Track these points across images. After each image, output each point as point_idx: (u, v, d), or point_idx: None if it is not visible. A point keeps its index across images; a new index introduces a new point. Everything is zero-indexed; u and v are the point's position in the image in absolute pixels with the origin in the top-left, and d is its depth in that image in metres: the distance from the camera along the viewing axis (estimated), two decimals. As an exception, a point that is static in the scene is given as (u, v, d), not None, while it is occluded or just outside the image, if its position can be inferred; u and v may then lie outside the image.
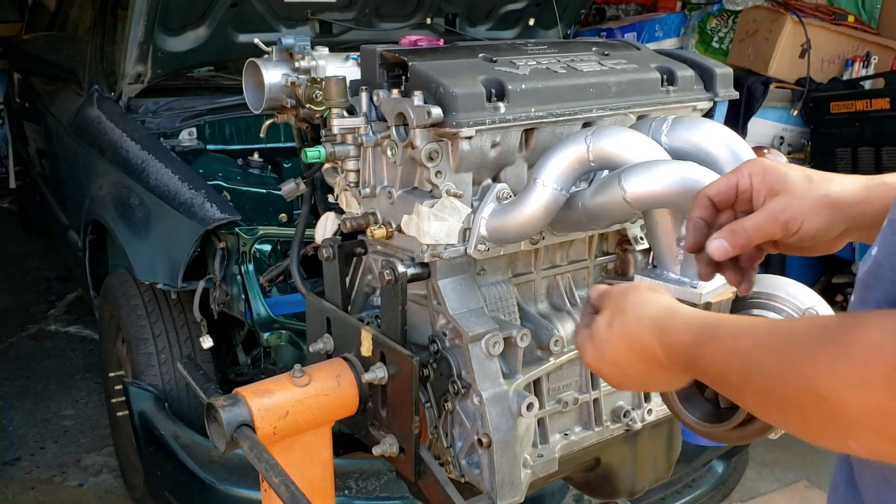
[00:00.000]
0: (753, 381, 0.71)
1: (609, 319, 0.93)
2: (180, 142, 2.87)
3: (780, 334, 0.71)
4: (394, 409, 1.35)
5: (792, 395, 0.66)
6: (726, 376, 0.76)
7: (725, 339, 0.77)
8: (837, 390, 0.61)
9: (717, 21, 5.05)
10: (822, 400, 0.62)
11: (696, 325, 0.82)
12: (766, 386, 0.70)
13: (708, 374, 0.80)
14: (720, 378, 0.78)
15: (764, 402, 0.72)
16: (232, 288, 2.23)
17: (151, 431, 2.24)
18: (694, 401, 1.19)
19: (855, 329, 0.61)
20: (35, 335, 4.19)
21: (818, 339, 0.65)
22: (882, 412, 0.58)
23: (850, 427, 0.62)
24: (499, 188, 1.29)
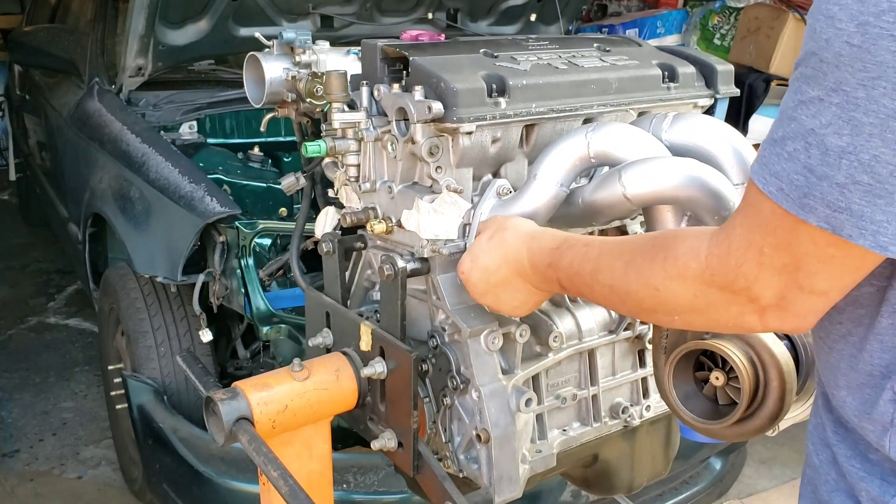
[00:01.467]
0: (601, 277, 0.96)
1: (491, 234, 1.16)
2: (181, 135, 2.87)
3: (625, 244, 0.95)
4: (392, 403, 1.35)
5: (632, 289, 0.90)
6: (579, 274, 1.00)
7: (580, 247, 1.01)
8: (666, 283, 0.85)
9: (718, 18, 5.04)
10: (655, 290, 0.87)
11: (560, 235, 1.08)
12: (612, 282, 0.94)
13: (563, 272, 1.03)
14: (573, 274, 1.01)
15: (609, 293, 0.96)
16: (231, 282, 2.23)
17: (150, 424, 2.24)
18: (692, 398, 1.20)
19: (679, 240, 0.85)
20: (34, 328, 4.19)
21: (652, 247, 0.88)
22: (696, 296, 0.82)
23: (675, 308, 0.86)
24: (499, 184, 1.29)
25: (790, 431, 1.26)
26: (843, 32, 0.65)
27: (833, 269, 0.72)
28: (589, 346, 1.46)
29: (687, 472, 2.43)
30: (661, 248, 0.86)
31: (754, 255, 0.75)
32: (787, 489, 2.92)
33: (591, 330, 1.46)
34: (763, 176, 0.72)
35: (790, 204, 0.70)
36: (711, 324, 0.86)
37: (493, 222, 1.19)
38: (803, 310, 0.76)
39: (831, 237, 0.69)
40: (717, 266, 0.78)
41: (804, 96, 0.69)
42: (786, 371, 1.10)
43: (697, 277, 0.81)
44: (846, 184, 0.66)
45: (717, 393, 1.17)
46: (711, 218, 1.17)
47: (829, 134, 0.67)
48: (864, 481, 0.81)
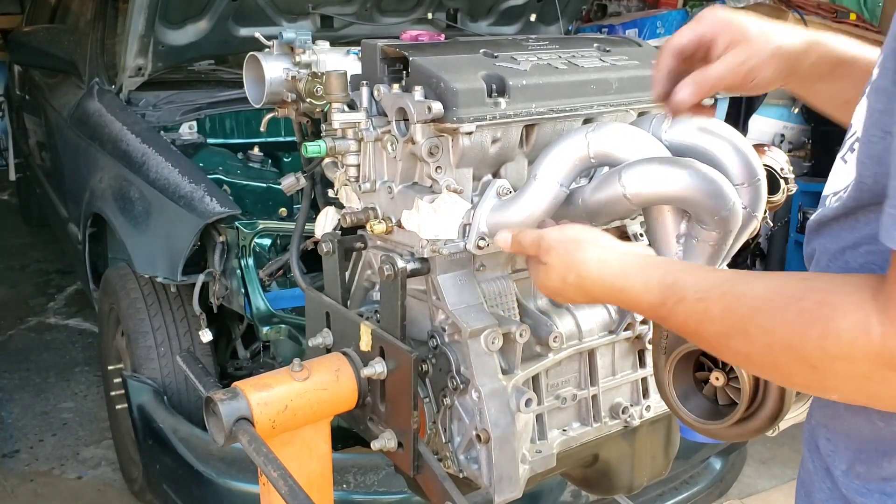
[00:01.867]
0: (734, 345, 0.78)
1: (562, 275, 0.99)
2: (180, 135, 2.87)
3: (756, 304, 0.75)
4: (392, 403, 1.35)
5: (780, 363, 0.74)
6: (703, 338, 0.82)
7: (693, 303, 0.82)
8: (827, 364, 0.69)
9: (718, 18, 5.03)
10: (812, 368, 0.71)
11: (656, 285, 0.86)
12: (750, 351, 0.76)
13: (679, 331, 0.86)
14: (694, 337, 0.84)
15: (747, 362, 0.80)
16: (231, 282, 2.23)
17: (150, 425, 2.24)
18: (692, 398, 1.20)
19: (837, 310, 0.68)
20: (34, 328, 4.19)
21: (799, 317, 0.71)
22: (868, 377, 0.68)
23: (835, 386, 0.72)
24: (499, 184, 1.29)
25: (790, 431, 1.26)
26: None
27: None
28: (589, 347, 1.46)
29: (687, 472, 2.43)
30: (814, 321, 0.70)
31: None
32: (787, 489, 2.92)
33: (591, 330, 1.46)
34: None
35: None
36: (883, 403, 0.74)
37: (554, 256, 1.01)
38: None
39: None
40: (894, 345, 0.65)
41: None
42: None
43: (871, 359, 0.67)
44: None
45: (717, 393, 1.17)
46: (711, 218, 1.17)
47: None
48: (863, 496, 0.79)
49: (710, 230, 1.19)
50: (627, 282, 0.91)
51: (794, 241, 3.94)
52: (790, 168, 1.54)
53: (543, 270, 1.03)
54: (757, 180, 1.21)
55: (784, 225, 3.97)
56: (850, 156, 0.81)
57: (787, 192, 1.51)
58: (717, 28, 1.03)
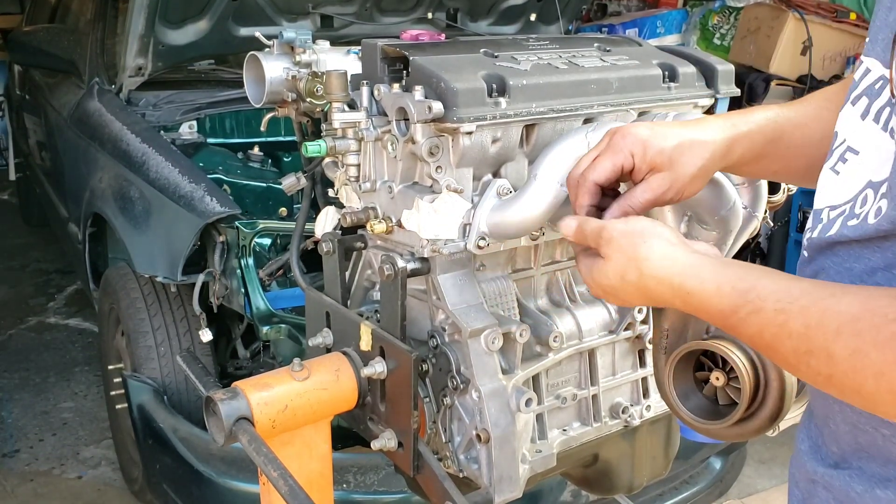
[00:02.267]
0: (814, 363, 0.71)
1: (621, 271, 0.89)
2: (180, 135, 2.87)
3: (842, 319, 0.68)
4: (392, 403, 1.35)
5: (867, 389, 0.66)
6: (778, 352, 0.75)
7: (771, 314, 0.74)
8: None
9: (718, 18, 5.04)
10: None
11: (730, 290, 0.78)
12: (832, 374, 0.69)
13: (751, 343, 0.78)
14: (767, 350, 0.77)
15: (827, 384, 0.71)
16: (231, 281, 2.23)
17: (150, 424, 2.24)
18: (692, 398, 1.20)
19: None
20: (34, 328, 4.19)
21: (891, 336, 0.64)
22: None
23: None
24: (499, 184, 1.29)
25: (790, 431, 1.26)
26: None
27: None
28: (589, 346, 1.46)
29: (687, 472, 2.43)
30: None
31: None
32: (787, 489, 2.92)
33: (591, 330, 1.46)
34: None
35: None
36: None
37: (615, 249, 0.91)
38: None
39: None
40: None
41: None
42: (786, 371, 1.10)
43: None
44: None
45: (718, 393, 1.17)
46: (711, 218, 1.17)
47: None
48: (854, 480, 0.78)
49: (710, 230, 1.20)
50: (698, 283, 0.82)
51: (794, 240, 3.94)
52: (790, 168, 1.53)
53: (599, 265, 0.93)
54: (757, 180, 1.21)
55: (784, 225, 3.97)
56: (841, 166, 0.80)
57: (787, 192, 1.51)
58: (636, 157, 0.99)
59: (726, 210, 1.16)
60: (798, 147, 1.03)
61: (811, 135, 1.01)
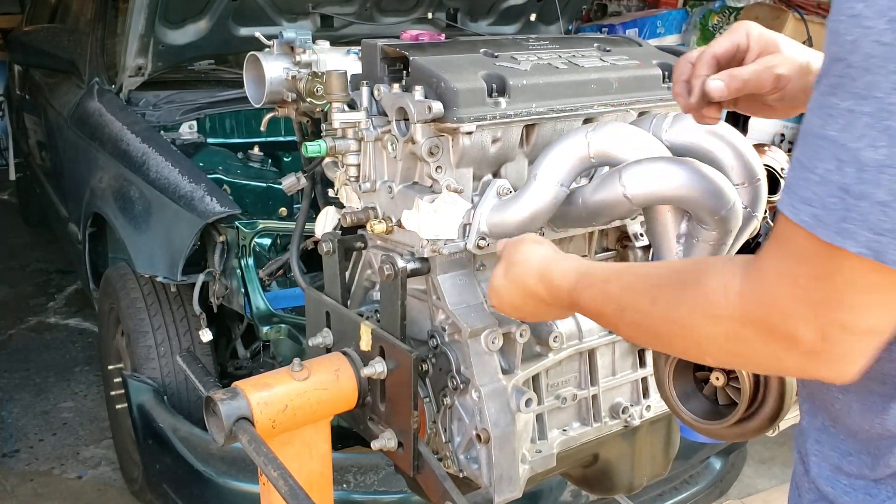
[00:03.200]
0: (627, 317, 0.88)
1: (504, 270, 1.12)
2: (181, 135, 2.86)
3: (648, 278, 0.87)
4: (392, 403, 1.35)
5: (661, 330, 0.83)
6: (604, 314, 0.94)
7: (598, 284, 0.94)
8: (697, 322, 0.77)
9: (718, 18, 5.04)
10: (685, 329, 0.79)
11: (572, 272, 1.00)
12: (638, 321, 0.87)
13: (587, 312, 0.98)
14: (598, 315, 0.96)
15: (637, 333, 0.89)
16: (231, 281, 2.23)
17: (150, 424, 2.24)
18: (692, 398, 1.20)
19: (708, 273, 0.77)
20: (34, 327, 4.19)
21: (679, 283, 0.81)
22: (731, 336, 0.74)
23: (706, 348, 0.79)
24: (499, 184, 1.29)
25: (790, 431, 1.26)
26: (872, 31, 0.59)
27: (878, 301, 0.65)
28: (589, 346, 1.46)
29: (687, 472, 2.42)
30: (689, 285, 0.78)
31: (789, 288, 0.68)
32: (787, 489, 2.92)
33: (591, 330, 1.46)
34: (793, 204, 0.66)
35: (826, 231, 0.63)
36: (748, 364, 0.80)
37: (504, 253, 1.14)
38: (847, 351, 0.68)
39: (874, 264, 0.62)
40: (750, 303, 0.71)
41: (831, 110, 0.63)
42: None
43: (730, 316, 0.73)
44: (889, 201, 0.60)
45: (717, 393, 1.17)
46: (711, 218, 1.17)
47: (864, 147, 0.60)
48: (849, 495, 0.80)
49: (710, 230, 1.19)
50: (550, 271, 1.04)
51: (794, 240, 3.93)
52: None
53: (493, 271, 1.15)
54: (757, 180, 1.21)
55: (784, 225, 3.96)
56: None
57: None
58: (751, 37, 1.08)
59: (726, 210, 1.15)
60: None
61: None
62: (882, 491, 0.77)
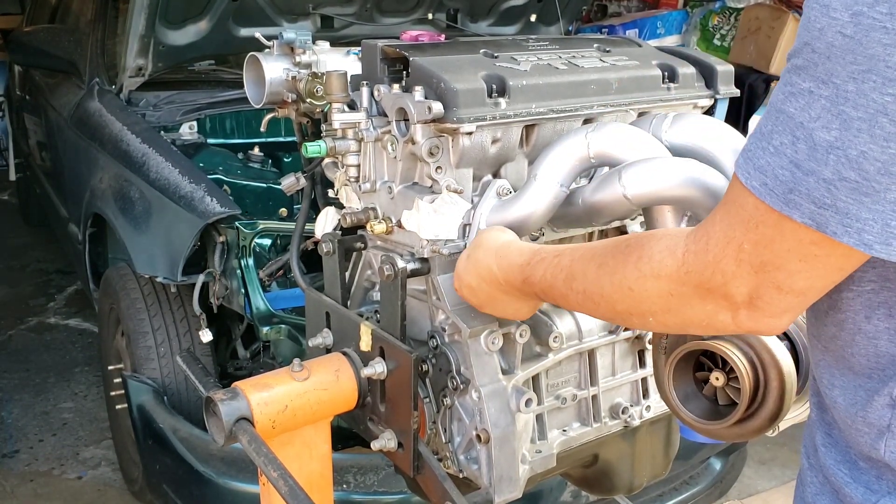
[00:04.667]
0: (575, 284, 0.94)
1: (468, 253, 1.20)
2: (181, 135, 2.87)
3: (597, 248, 0.93)
4: (392, 404, 1.35)
5: (606, 291, 0.88)
6: (553, 286, 0.99)
7: (550, 258, 1.01)
8: (640, 282, 0.83)
9: (718, 18, 5.04)
10: (630, 290, 0.84)
11: (527, 250, 1.08)
12: (585, 287, 0.92)
13: (538, 285, 1.03)
14: (548, 287, 1.01)
15: (584, 300, 0.94)
16: (231, 282, 2.23)
17: (150, 425, 2.24)
18: (692, 398, 1.20)
19: (653, 240, 0.83)
20: (34, 328, 4.19)
21: (626, 247, 0.86)
22: (671, 295, 0.80)
23: (649, 309, 0.84)
24: (499, 184, 1.29)
25: (790, 431, 1.26)
26: (837, 22, 0.62)
27: (815, 267, 0.70)
28: (589, 347, 1.46)
29: (687, 472, 2.43)
30: (634, 248, 0.84)
31: (733, 251, 0.73)
32: (787, 489, 2.92)
33: (591, 330, 1.46)
34: (747, 170, 0.70)
35: (774, 199, 0.68)
36: (685, 323, 0.84)
37: (474, 239, 1.21)
38: (778, 309, 0.74)
39: (815, 234, 0.67)
40: (693, 262, 0.76)
41: (794, 88, 0.67)
42: (786, 371, 1.10)
43: (672, 275, 0.79)
44: (833, 180, 0.64)
45: (717, 393, 1.17)
46: (711, 218, 1.17)
47: (818, 128, 0.64)
48: (849, 487, 0.80)
49: (710, 230, 1.19)
50: (507, 250, 1.11)
51: (794, 241, 3.93)
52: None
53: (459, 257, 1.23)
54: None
55: (784, 225, 3.96)
56: None
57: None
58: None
59: (726, 210, 1.15)
60: None
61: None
62: (883, 486, 0.78)
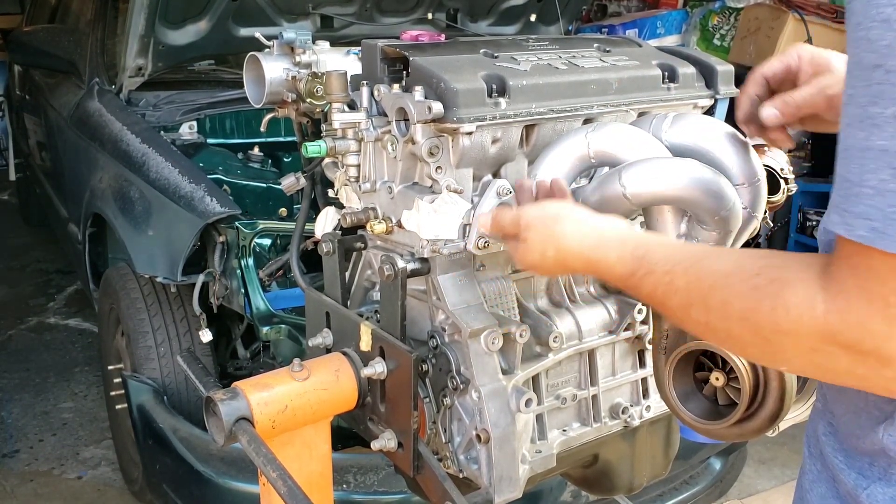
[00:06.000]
0: (693, 314, 0.82)
1: (541, 249, 1.04)
2: (181, 135, 2.87)
3: (716, 277, 0.80)
4: (392, 404, 1.35)
5: (735, 332, 0.78)
6: (667, 307, 0.87)
7: (661, 275, 0.86)
8: (778, 337, 0.73)
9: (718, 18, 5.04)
10: (765, 340, 0.75)
11: (629, 258, 0.92)
12: (707, 321, 0.81)
13: (646, 301, 0.91)
14: (660, 307, 0.90)
15: (707, 331, 0.83)
16: (231, 282, 2.23)
17: (150, 425, 2.24)
18: (692, 398, 1.20)
19: (786, 287, 0.72)
20: (34, 328, 4.19)
21: (754, 291, 0.75)
22: (814, 350, 0.71)
23: (785, 358, 0.76)
24: (499, 184, 1.29)
25: (790, 431, 1.27)
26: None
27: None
28: (589, 347, 1.46)
29: (687, 472, 2.42)
30: (766, 294, 0.74)
31: (879, 308, 0.65)
32: (787, 489, 2.92)
33: (591, 330, 1.46)
34: (846, 222, 0.65)
35: (888, 242, 0.62)
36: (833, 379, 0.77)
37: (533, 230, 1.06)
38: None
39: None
40: (838, 324, 0.68)
41: (875, 119, 0.62)
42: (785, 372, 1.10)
43: (815, 335, 0.70)
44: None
45: (717, 393, 1.17)
46: (711, 218, 1.17)
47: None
48: (843, 473, 0.81)
49: (709, 230, 1.20)
50: (603, 254, 0.96)
51: (794, 241, 3.94)
52: (790, 168, 1.54)
53: (523, 247, 1.07)
54: (757, 180, 1.22)
55: (784, 225, 3.97)
56: None
57: (787, 193, 1.51)
58: (803, 59, 1.08)
59: (726, 210, 1.16)
60: None
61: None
62: (875, 472, 0.79)
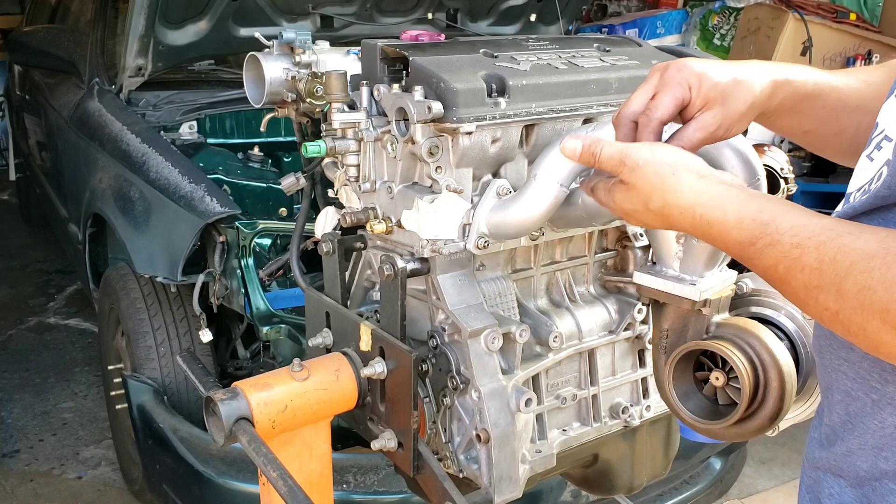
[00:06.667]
0: (824, 299, 0.71)
1: (645, 199, 0.91)
2: (181, 135, 2.87)
3: (856, 257, 0.68)
4: (392, 403, 1.35)
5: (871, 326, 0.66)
6: (789, 286, 0.75)
7: (787, 247, 0.74)
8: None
9: (718, 18, 5.04)
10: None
11: (750, 222, 0.79)
12: (839, 309, 0.69)
13: (764, 275, 0.79)
14: (779, 284, 0.77)
15: (832, 321, 0.71)
16: (231, 282, 2.23)
17: (150, 425, 2.24)
18: (692, 398, 1.20)
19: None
20: (34, 328, 4.19)
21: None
22: None
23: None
24: (498, 184, 1.29)
25: (790, 431, 1.27)
26: None
27: None
28: (589, 347, 1.46)
29: (687, 472, 2.43)
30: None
31: None
32: (787, 489, 2.92)
33: (591, 330, 1.46)
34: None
35: None
36: None
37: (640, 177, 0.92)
38: None
39: None
40: None
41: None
42: (786, 371, 1.10)
43: None
44: None
45: (717, 393, 1.17)
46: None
47: None
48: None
49: (709, 230, 1.19)
50: (720, 214, 0.83)
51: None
52: (790, 168, 1.54)
53: (622, 190, 0.95)
54: (757, 180, 1.21)
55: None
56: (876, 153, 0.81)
57: (787, 192, 1.51)
58: (692, 89, 0.99)
59: (726, 210, 1.15)
60: (832, 110, 1.03)
61: (847, 101, 1.02)
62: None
